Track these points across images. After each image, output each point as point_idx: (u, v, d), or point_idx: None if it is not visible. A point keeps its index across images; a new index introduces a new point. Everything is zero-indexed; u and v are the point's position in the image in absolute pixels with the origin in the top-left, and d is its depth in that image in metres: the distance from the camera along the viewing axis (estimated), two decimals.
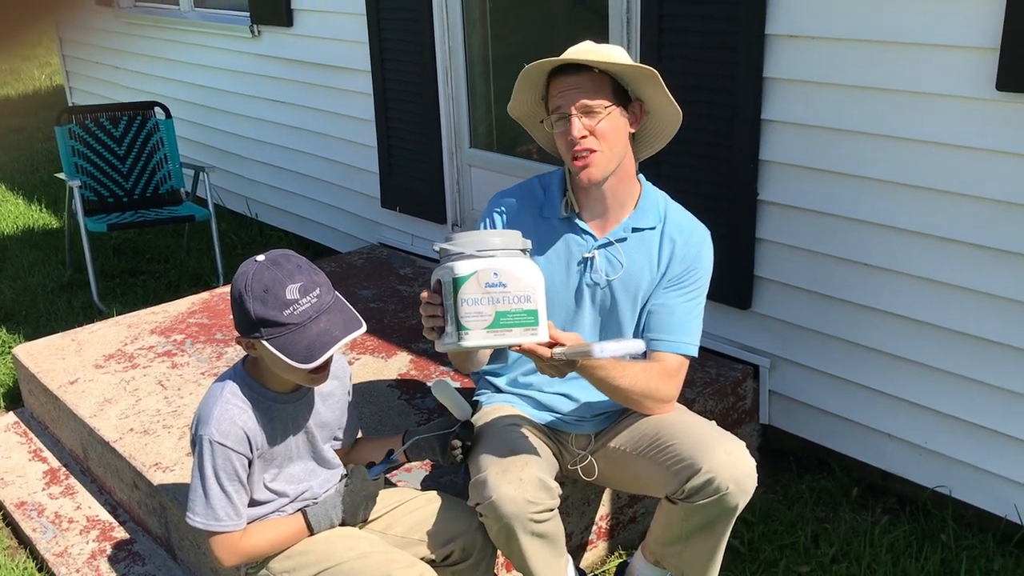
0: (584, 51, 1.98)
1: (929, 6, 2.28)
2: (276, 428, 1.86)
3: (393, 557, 1.85)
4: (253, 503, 1.87)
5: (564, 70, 1.97)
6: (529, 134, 2.20)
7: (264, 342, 1.72)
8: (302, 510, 1.92)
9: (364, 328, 1.79)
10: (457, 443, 2.01)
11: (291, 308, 1.73)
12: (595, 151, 1.96)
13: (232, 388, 1.83)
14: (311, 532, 1.90)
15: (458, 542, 1.97)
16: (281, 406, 1.87)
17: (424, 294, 1.82)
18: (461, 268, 1.73)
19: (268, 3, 4.54)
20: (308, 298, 1.74)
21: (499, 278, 1.73)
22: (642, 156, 2.14)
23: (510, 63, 3.60)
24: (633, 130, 2.05)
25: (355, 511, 1.93)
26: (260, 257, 1.77)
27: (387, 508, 2.02)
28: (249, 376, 1.85)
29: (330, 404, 1.98)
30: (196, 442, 1.79)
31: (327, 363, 1.80)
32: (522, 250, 1.81)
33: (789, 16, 2.54)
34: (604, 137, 1.96)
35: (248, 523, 1.85)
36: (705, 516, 1.97)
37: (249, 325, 1.74)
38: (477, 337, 1.72)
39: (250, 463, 1.83)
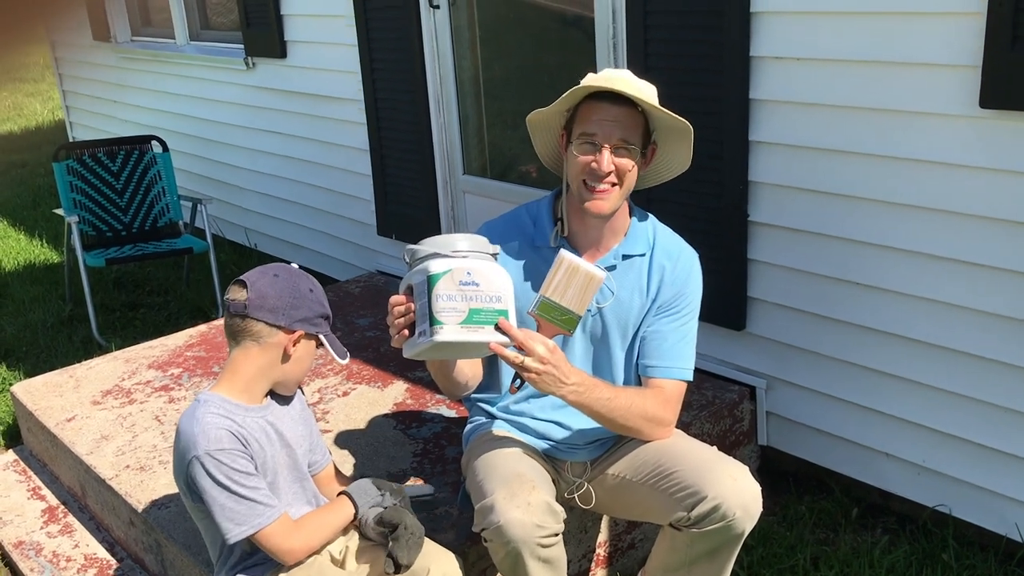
0: (632, 85, 1.95)
1: (911, 26, 2.28)
2: (256, 433, 1.86)
3: None
4: None
5: (607, 97, 1.95)
6: (532, 140, 2.15)
7: (323, 338, 1.89)
8: (342, 491, 1.96)
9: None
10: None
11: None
12: (614, 188, 1.97)
13: (203, 408, 1.82)
14: (356, 509, 1.92)
15: None
16: (253, 416, 1.87)
17: (393, 298, 1.82)
18: (436, 266, 1.76)
19: (262, 35, 4.58)
20: None
21: (472, 277, 1.76)
22: (638, 186, 2.14)
23: (501, 88, 3.62)
24: (643, 172, 2.06)
25: (384, 491, 1.97)
26: (295, 265, 1.92)
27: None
28: (217, 394, 1.86)
29: (295, 418, 2.00)
30: (191, 468, 1.77)
31: None
32: (492, 255, 1.85)
33: (773, 38, 2.55)
34: (624, 177, 1.97)
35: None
36: (711, 543, 1.96)
37: (317, 318, 1.88)
38: (450, 332, 1.73)
39: (253, 464, 1.82)
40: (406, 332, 1.80)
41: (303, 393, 2.07)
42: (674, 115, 1.96)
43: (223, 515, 1.78)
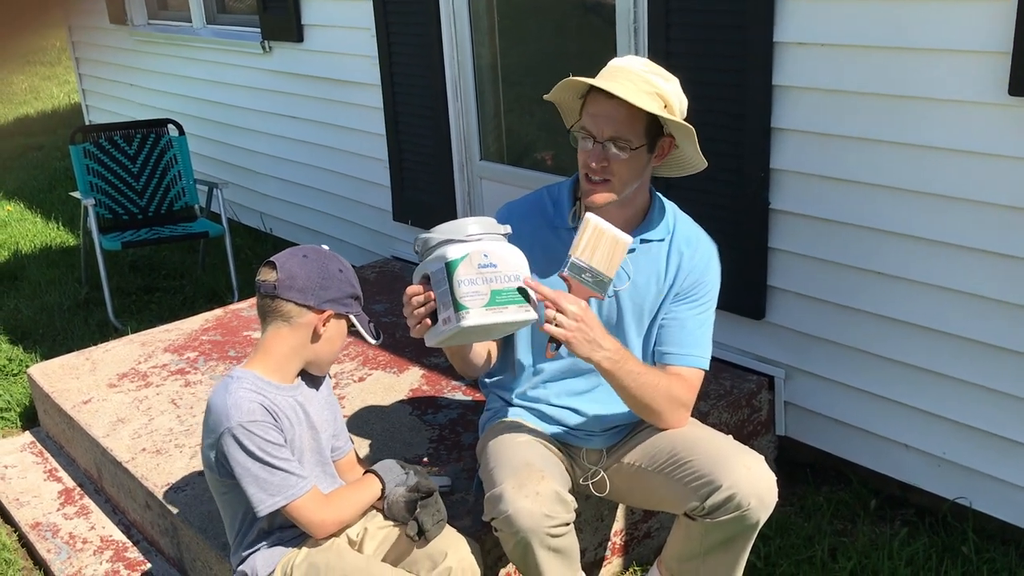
0: (629, 76, 1.91)
1: (939, 11, 2.24)
2: (286, 411, 1.87)
3: None
4: None
5: (604, 90, 1.91)
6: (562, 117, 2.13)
7: (353, 318, 1.90)
8: (369, 469, 1.97)
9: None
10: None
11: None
12: (607, 182, 1.94)
13: (236, 383, 1.83)
14: (383, 486, 1.94)
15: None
16: (284, 394, 1.88)
17: (410, 289, 1.81)
18: (453, 252, 1.75)
19: (279, 19, 4.56)
20: None
21: (490, 259, 1.76)
22: (659, 175, 2.11)
23: (519, 74, 3.59)
24: (656, 164, 2.02)
25: (409, 471, 1.98)
26: (325, 246, 1.94)
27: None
28: (250, 371, 1.87)
29: (322, 402, 2.00)
30: (223, 440, 1.77)
31: None
32: (503, 235, 1.84)
33: (797, 23, 2.52)
34: (620, 171, 1.94)
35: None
36: (725, 532, 1.95)
37: (347, 299, 1.89)
38: (476, 316, 1.73)
39: (283, 438, 1.83)
40: (428, 322, 1.79)
41: (330, 378, 2.07)
42: (669, 115, 1.91)
43: (256, 486, 1.78)
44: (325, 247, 1.93)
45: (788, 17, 2.53)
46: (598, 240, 1.86)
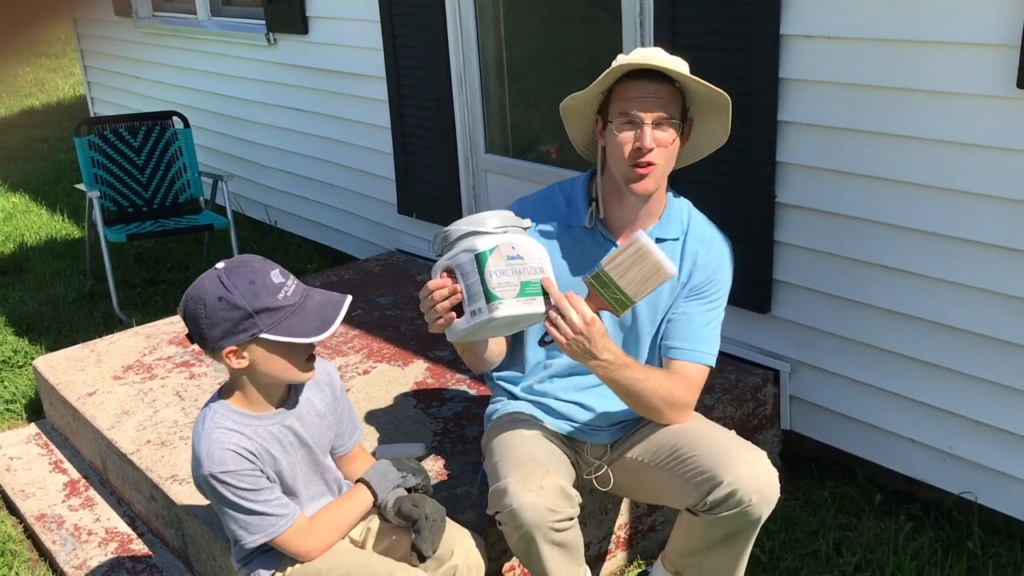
0: (668, 60, 1.92)
1: (947, 4, 2.23)
2: (268, 443, 1.80)
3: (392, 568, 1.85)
4: None
5: (644, 75, 1.91)
6: (565, 128, 2.10)
7: (265, 334, 1.67)
8: (360, 479, 1.93)
9: (350, 298, 1.77)
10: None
11: (283, 291, 1.69)
12: (657, 164, 1.93)
13: (212, 419, 1.77)
14: (375, 497, 1.90)
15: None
16: (265, 423, 1.81)
17: (432, 283, 1.79)
18: (483, 243, 1.75)
19: (284, 11, 4.55)
20: (291, 281, 1.72)
21: (516, 251, 1.76)
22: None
23: (525, 67, 3.58)
24: (682, 149, 2.02)
25: (403, 470, 1.95)
26: (220, 265, 1.72)
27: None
28: (227, 404, 1.80)
29: (323, 410, 1.93)
30: (201, 482, 1.77)
31: (314, 354, 1.79)
32: (524, 229, 1.83)
33: (804, 16, 2.50)
34: (667, 152, 1.94)
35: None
36: (727, 528, 1.94)
37: (242, 323, 1.66)
38: (509, 306, 1.73)
39: (264, 477, 1.79)
40: (453, 315, 1.79)
41: (339, 382, 2.00)
42: (713, 87, 1.93)
43: (236, 525, 1.77)
44: (218, 266, 1.71)
45: (795, 10, 2.52)
46: (637, 261, 1.78)
